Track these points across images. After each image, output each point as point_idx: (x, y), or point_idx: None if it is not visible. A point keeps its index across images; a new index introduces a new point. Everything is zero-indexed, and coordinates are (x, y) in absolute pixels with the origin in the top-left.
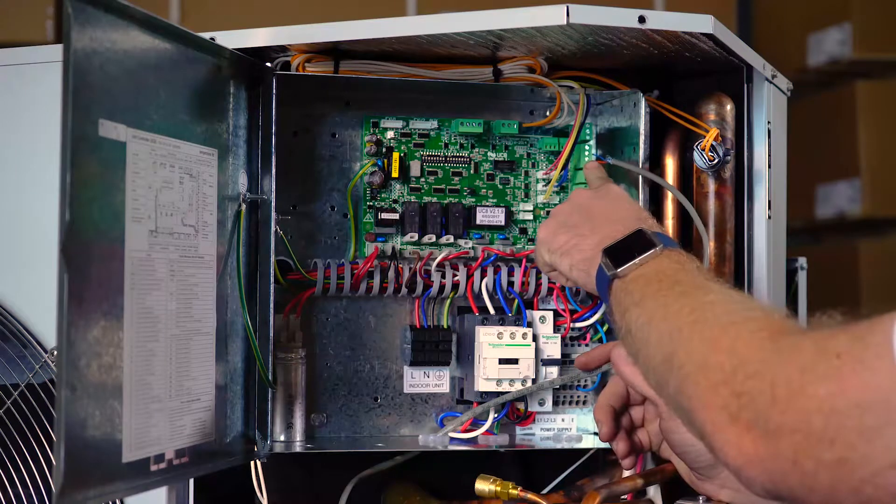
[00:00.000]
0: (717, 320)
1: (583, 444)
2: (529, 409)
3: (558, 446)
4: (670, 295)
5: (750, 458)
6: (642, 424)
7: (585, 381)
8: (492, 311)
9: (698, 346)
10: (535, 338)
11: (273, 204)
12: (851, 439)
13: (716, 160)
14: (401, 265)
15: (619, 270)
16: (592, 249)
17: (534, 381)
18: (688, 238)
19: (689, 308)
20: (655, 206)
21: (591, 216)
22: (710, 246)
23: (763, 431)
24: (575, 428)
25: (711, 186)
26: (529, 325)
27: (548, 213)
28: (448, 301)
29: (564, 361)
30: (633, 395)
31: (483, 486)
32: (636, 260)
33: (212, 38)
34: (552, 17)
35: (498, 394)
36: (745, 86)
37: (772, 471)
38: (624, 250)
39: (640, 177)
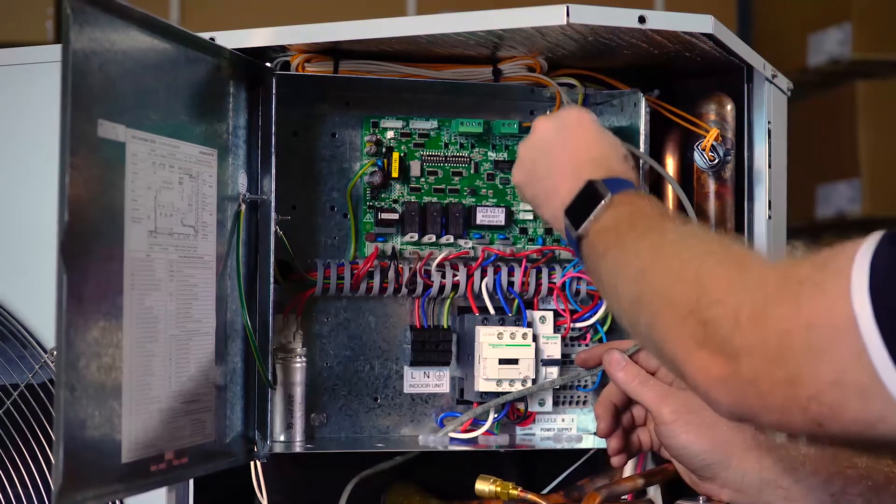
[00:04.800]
0: (679, 255)
1: (583, 445)
2: (529, 410)
3: (558, 446)
4: (628, 240)
5: (715, 381)
6: (644, 423)
7: (585, 381)
8: (492, 311)
9: (663, 280)
10: (535, 338)
11: (273, 204)
12: (800, 358)
13: (716, 160)
14: (401, 265)
15: (580, 231)
16: (557, 210)
17: (534, 381)
18: None
19: (649, 248)
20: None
21: (552, 162)
22: None
23: (727, 355)
24: (575, 428)
25: (711, 186)
26: (529, 325)
27: None
28: (448, 301)
29: (564, 361)
30: None
31: (483, 486)
32: (591, 217)
33: (212, 39)
34: (552, 17)
35: (498, 394)
36: (745, 86)
37: (734, 392)
38: (580, 208)
39: (641, 176)
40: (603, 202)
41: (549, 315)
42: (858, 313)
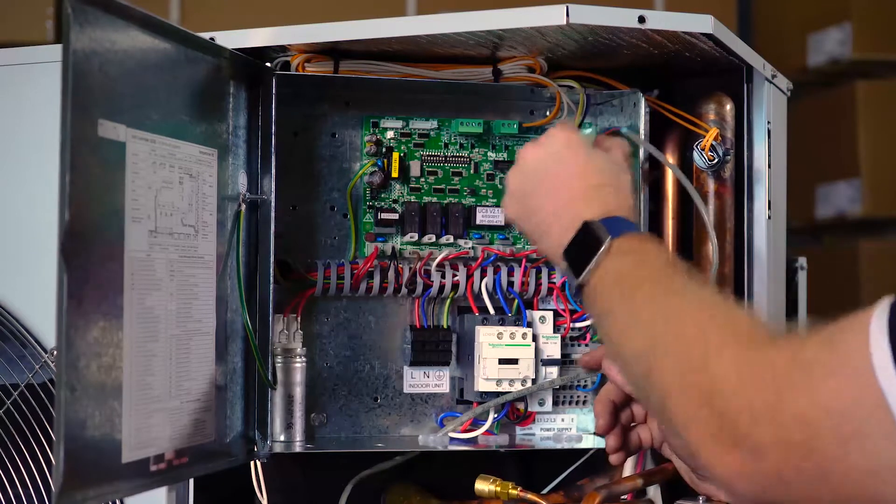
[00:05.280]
0: (685, 332)
1: (583, 444)
2: (529, 409)
3: (558, 446)
4: (635, 302)
5: (736, 474)
6: (644, 421)
7: (585, 381)
8: (492, 311)
9: (673, 364)
10: (535, 338)
11: (273, 204)
12: (827, 449)
13: (716, 160)
14: (401, 265)
15: (580, 280)
16: (554, 250)
17: (534, 381)
18: (688, 237)
19: (658, 317)
20: (655, 205)
21: (543, 196)
22: (715, 246)
23: (746, 449)
24: (575, 428)
25: (711, 186)
26: (529, 325)
27: None
28: (448, 301)
29: (564, 361)
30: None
31: (483, 486)
32: (591, 264)
33: (212, 38)
34: (552, 17)
35: (498, 394)
36: (745, 86)
37: (758, 484)
38: (578, 252)
39: (641, 176)
40: (603, 248)
41: (549, 315)
42: (888, 392)
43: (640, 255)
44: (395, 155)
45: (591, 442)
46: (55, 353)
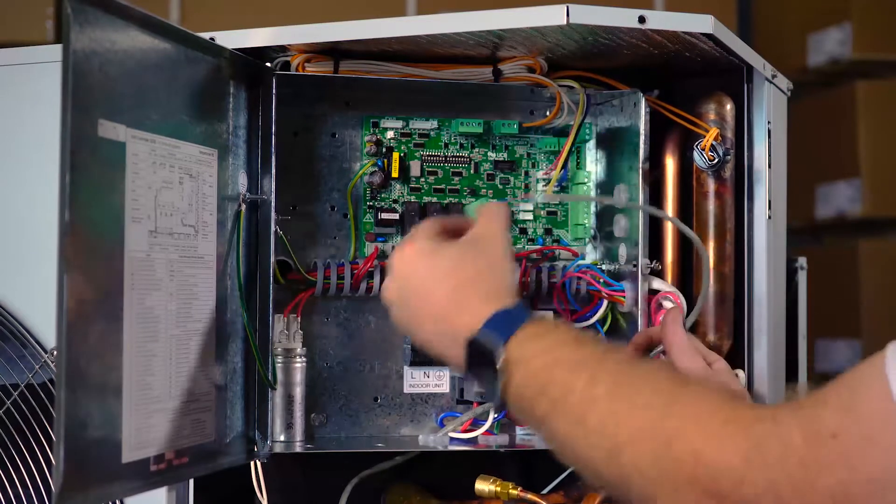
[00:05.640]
0: (650, 427)
1: None
2: None
3: None
4: (571, 406)
5: None
6: None
7: None
8: None
9: (650, 465)
10: None
11: (273, 204)
12: None
13: (716, 160)
14: None
15: (498, 401)
16: (459, 369)
17: None
18: (687, 243)
19: (605, 419)
20: (655, 205)
21: (420, 315)
22: (710, 269)
23: None
24: None
25: (711, 186)
26: None
27: (548, 213)
28: None
29: None
30: None
31: (483, 486)
32: (499, 384)
33: (212, 38)
34: (552, 17)
35: None
36: (745, 86)
37: None
38: (480, 371)
39: (641, 176)
40: (500, 363)
41: (549, 315)
42: None
43: (548, 351)
44: (396, 155)
45: None
46: (55, 353)
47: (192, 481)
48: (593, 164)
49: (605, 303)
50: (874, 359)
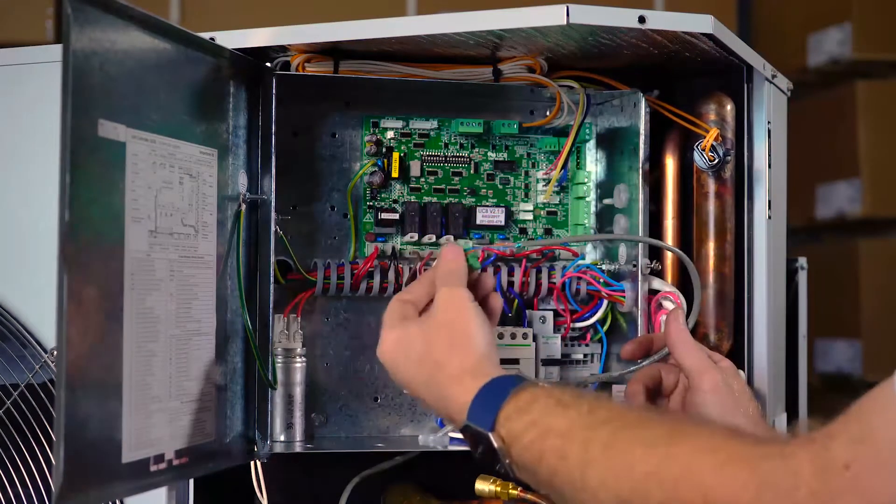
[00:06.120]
0: (656, 480)
1: None
2: None
3: None
4: (570, 469)
5: None
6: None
7: (585, 381)
8: None
9: None
10: (535, 338)
11: (273, 204)
12: None
13: (716, 160)
14: (401, 265)
15: (504, 467)
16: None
17: None
18: (688, 237)
19: (606, 476)
20: (655, 205)
21: (422, 400)
22: (700, 293)
23: None
24: None
25: (711, 186)
26: (529, 324)
27: (548, 213)
28: None
29: (564, 362)
30: (666, 384)
31: (483, 486)
32: (499, 457)
33: (212, 38)
34: (552, 17)
35: None
36: (745, 86)
37: None
38: (484, 448)
39: (641, 176)
40: (491, 438)
41: (549, 315)
42: None
43: (535, 423)
44: (396, 155)
45: None
46: (55, 353)
47: (192, 481)
48: (593, 164)
49: (605, 303)
50: (882, 387)
